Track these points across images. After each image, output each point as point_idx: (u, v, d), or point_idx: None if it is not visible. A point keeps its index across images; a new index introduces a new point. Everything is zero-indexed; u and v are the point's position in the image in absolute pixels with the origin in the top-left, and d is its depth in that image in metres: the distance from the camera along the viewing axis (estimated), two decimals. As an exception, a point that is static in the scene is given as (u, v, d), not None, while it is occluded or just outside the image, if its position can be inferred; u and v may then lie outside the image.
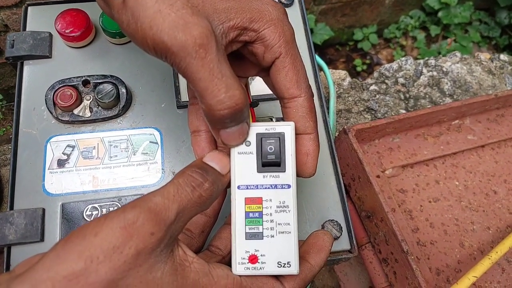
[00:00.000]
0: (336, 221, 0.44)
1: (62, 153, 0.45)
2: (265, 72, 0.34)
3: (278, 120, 0.47)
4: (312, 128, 0.32)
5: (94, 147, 0.45)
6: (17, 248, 0.41)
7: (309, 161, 0.32)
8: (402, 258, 0.48)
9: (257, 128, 0.31)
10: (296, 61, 0.31)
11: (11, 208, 0.42)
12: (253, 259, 0.30)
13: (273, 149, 0.30)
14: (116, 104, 0.46)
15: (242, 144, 0.31)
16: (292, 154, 0.31)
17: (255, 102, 0.39)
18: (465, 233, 0.57)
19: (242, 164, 0.30)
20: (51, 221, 0.42)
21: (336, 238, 0.44)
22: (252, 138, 0.31)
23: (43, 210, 0.42)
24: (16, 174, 0.44)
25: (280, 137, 0.31)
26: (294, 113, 0.32)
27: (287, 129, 0.31)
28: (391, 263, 0.51)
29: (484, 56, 0.78)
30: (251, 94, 0.48)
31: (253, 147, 0.31)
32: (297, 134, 0.32)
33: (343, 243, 0.44)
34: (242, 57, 0.33)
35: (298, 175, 0.32)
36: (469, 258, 0.55)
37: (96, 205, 0.43)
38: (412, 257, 0.47)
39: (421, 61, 0.74)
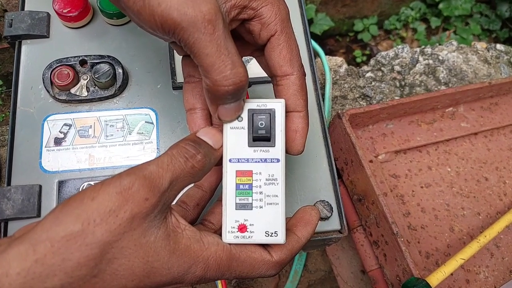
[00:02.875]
0: (327, 202, 0.45)
1: (59, 131, 0.46)
2: (259, 52, 0.35)
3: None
4: (302, 106, 0.33)
5: (91, 126, 0.46)
6: (14, 223, 0.42)
7: (297, 138, 0.33)
8: (392, 240, 0.49)
9: (249, 104, 0.32)
10: (290, 40, 0.32)
11: (9, 184, 0.43)
12: (242, 228, 0.31)
13: (263, 125, 0.32)
14: (113, 84, 0.47)
15: (235, 119, 0.32)
16: (282, 130, 0.32)
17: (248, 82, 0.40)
18: (455, 218, 0.58)
19: (234, 138, 0.32)
20: (47, 197, 0.43)
21: (326, 218, 0.45)
22: (244, 113, 0.32)
23: (40, 186, 0.43)
24: (14, 151, 0.44)
25: (271, 113, 0.32)
26: (286, 90, 0.33)
27: (277, 105, 0.32)
28: (382, 246, 0.52)
29: (481, 45, 0.78)
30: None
31: (244, 123, 0.32)
32: (287, 111, 0.33)
33: (334, 223, 0.45)
34: (237, 37, 0.34)
35: (287, 152, 0.33)
36: (459, 242, 0.56)
37: (91, 183, 0.44)
38: (402, 239, 0.48)
39: (417, 49, 0.75)
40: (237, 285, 0.66)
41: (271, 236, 0.31)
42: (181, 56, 0.35)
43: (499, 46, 0.79)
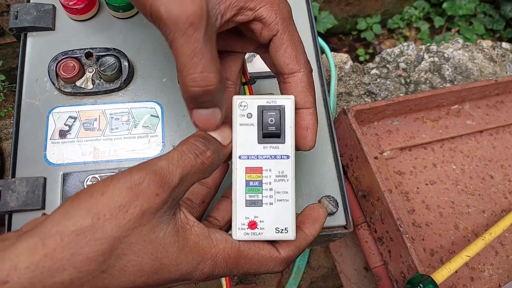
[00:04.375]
0: (333, 197, 0.44)
1: (64, 124, 0.45)
2: (263, 48, 0.35)
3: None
4: (311, 103, 0.33)
5: (96, 119, 0.46)
6: (18, 216, 0.42)
7: (309, 135, 0.33)
8: (397, 236, 0.49)
9: (258, 101, 0.32)
10: (294, 37, 0.32)
11: (13, 176, 0.43)
12: (252, 225, 0.31)
13: (273, 121, 0.31)
14: (118, 77, 0.46)
15: (213, 130, 0.31)
16: (292, 126, 0.32)
17: (252, 79, 0.40)
18: (460, 215, 0.58)
19: (244, 135, 0.32)
20: (52, 190, 0.43)
21: (332, 214, 0.44)
22: (253, 110, 0.32)
23: (45, 179, 0.43)
24: (18, 143, 0.44)
25: (281, 110, 0.32)
26: (294, 88, 0.32)
27: (287, 102, 0.32)
28: (386, 242, 0.52)
29: (486, 43, 0.78)
30: (251, 71, 0.48)
31: (254, 119, 0.32)
32: (296, 108, 0.33)
33: (339, 219, 0.45)
34: (241, 33, 0.34)
35: (298, 148, 0.33)
36: (463, 240, 0.56)
37: (96, 176, 0.44)
38: (407, 235, 0.47)
39: (423, 46, 0.75)
40: (239, 281, 0.66)
41: (281, 232, 0.31)
42: None
43: (504, 45, 0.79)
